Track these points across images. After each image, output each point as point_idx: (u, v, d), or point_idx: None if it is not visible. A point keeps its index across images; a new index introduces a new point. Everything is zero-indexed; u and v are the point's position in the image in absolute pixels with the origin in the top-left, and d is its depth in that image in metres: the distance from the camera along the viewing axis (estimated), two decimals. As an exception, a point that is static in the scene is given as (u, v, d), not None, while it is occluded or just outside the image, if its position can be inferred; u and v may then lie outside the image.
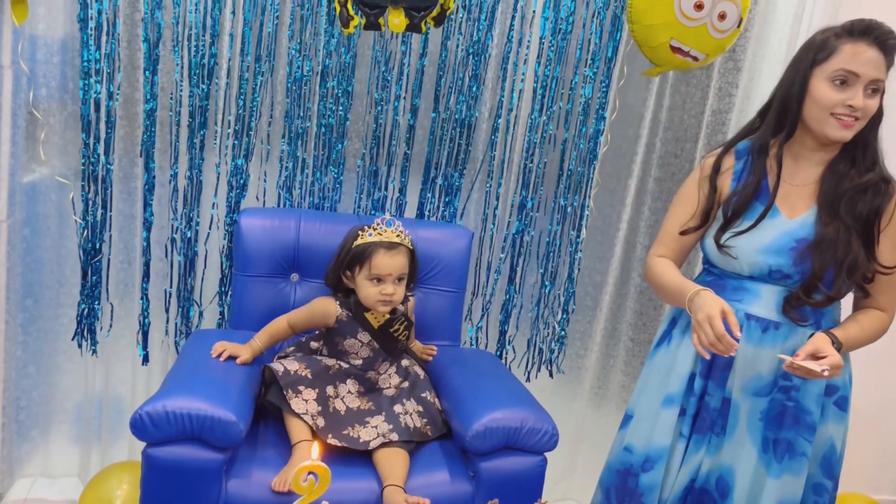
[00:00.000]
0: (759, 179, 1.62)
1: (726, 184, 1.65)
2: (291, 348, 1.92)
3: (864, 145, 1.57)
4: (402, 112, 2.16)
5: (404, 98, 2.15)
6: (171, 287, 2.14)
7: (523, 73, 2.16)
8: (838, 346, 1.52)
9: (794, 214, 1.60)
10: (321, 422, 1.71)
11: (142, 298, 2.13)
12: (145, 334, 2.15)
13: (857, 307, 1.64)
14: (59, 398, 2.20)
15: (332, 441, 1.70)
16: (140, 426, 1.56)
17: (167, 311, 2.16)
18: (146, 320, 2.14)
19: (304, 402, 1.72)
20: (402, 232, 1.85)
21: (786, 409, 1.59)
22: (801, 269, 1.55)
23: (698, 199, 1.67)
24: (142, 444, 1.59)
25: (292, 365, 1.76)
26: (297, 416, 1.71)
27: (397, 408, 1.79)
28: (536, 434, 1.68)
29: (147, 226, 2.09)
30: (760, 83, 2.26)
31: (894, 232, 1.57)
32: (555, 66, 2.14)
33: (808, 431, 1.58)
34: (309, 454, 1.60)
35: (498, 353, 2.35)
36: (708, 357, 1.53)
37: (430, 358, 2.01)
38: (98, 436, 2.23)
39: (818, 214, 1.57)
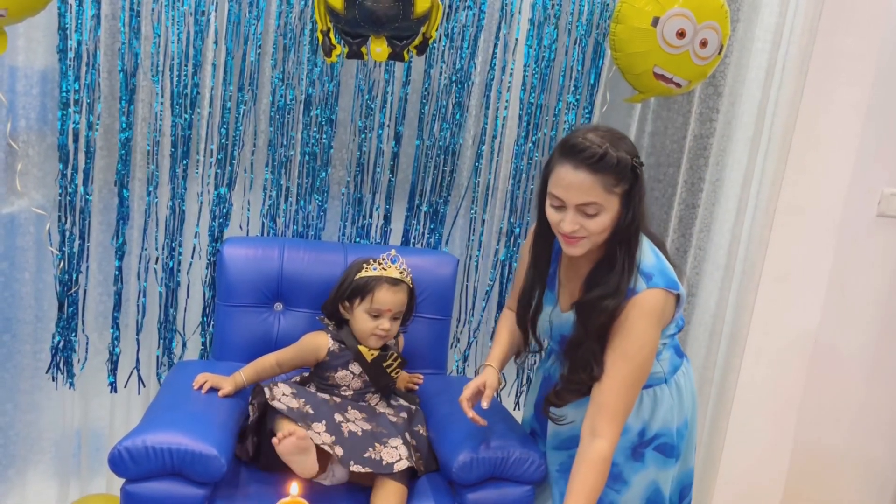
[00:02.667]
0: (547, 267, 1.62)
1: None
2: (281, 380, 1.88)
3: (609, 257, 1.48)
4: (386, 140, 2.16)
5: (388, 126, 2.15)
6: (143, 318, 2.10)
7: (507, 100, 2.17)
8: None
9: (566, 309, 1.60)
10: (339, 450, 1.64)
11: (112, 327, 2.09)
12: (115, 363, 2.10)
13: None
14: (35, 436, 2.15)
15: (355, 468, 1.63)
16: (119, 462, 1.52)
17: (138, 341, 2.12)
18: (116, 349, 2.10)
19: (318, 434, 1.65)
20: (405, 269, 1.85)
21: None
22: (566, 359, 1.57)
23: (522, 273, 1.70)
24: (121, 480, 1.55)
25: (292, 402, 1.69)
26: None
27: (407, 436, 1.75)
28: (523, 464, 1.66)
29: (119, 255, 2.05)
30: (741, 108, 2.28)
31: (613, 346, 1.47)
32: (539, 94, 2.16)
33: (613, 480, 1.57)
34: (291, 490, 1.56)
35: (485, 380, 2.33)
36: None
37: (416, 387, 1.99)
38: (77, 472, 2.17)
39: (576, 315, 1.54)
